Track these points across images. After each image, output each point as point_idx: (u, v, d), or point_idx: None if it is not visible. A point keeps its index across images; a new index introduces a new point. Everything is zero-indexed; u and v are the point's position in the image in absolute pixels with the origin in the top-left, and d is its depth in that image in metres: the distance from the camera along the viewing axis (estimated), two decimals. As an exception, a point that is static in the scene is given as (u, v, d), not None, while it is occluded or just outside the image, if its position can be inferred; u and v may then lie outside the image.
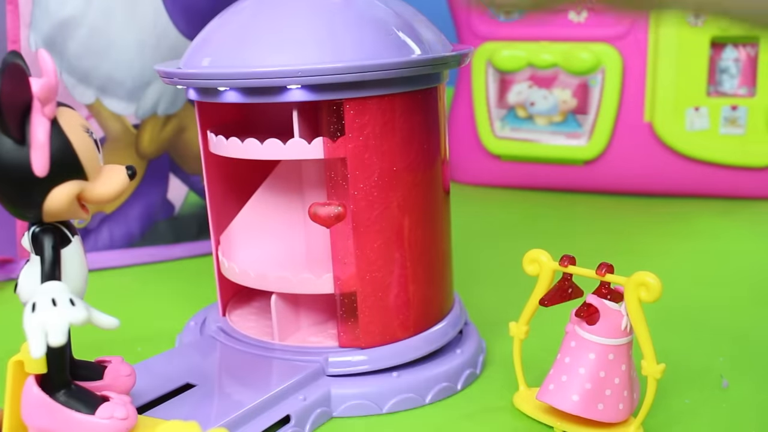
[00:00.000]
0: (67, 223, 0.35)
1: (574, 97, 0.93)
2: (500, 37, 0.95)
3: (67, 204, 0.34)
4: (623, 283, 0.43)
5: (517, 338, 0.49)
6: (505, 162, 0.98)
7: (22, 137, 0.32)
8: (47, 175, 0.33)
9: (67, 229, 0.35)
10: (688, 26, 0.87)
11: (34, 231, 0.35)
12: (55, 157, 0.33)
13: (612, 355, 0.44)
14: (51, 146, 0.33)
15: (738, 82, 0.89)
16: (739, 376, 0.52)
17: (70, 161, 0.33)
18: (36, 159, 0.32)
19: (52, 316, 0.31)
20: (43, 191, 0.33)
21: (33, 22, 0.68)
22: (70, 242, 0.35)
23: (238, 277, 0.51)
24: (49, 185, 0.33)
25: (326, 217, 0.46)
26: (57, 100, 0.34)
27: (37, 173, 0.32)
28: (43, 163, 0.32)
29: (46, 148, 0.32)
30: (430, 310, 0.51)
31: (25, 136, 0.32)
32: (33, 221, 0.35)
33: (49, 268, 0.34)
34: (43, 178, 0.33)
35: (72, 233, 0.35)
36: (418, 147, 0.47)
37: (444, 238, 0.51)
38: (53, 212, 0.34)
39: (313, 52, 0.43)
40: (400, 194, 0.47)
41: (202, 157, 0.52)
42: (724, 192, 0.92)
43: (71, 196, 0.34)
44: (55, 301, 0.31)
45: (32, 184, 0.33)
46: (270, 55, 0.44)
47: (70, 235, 0.35)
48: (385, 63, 0.43)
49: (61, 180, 0.33)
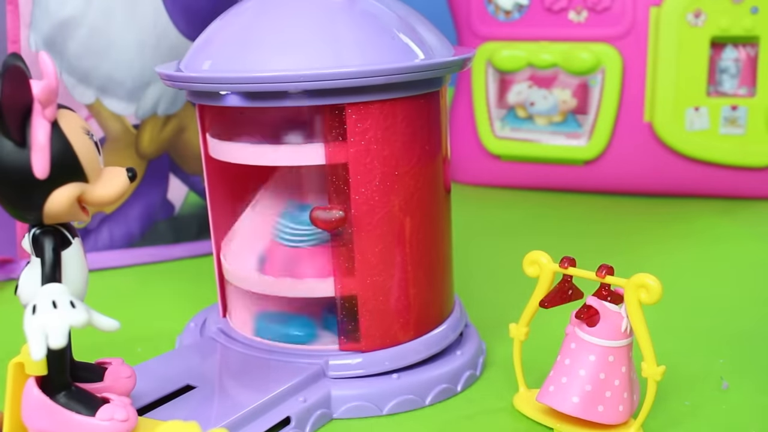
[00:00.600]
0: (67, 225, 0.35)
1: (574, 97, 0.93)
2: (500, 37, 0.95)
3: (67, 206, 0.34)
4: (623, 285, 0.43)
5: (517, 340, 0.49)
6: (505, 162, 0.98)
7: (23, 139, 0.32)
8: (48, 177, 0.33)
9: (67, 231, 0.35)
10: (688, 26, 0.87)
11: (34, 233, 0.35)
12: (56, 159, 0.33)
13: (612, 357, 0.44)
14: (51, 148, 0.33)
15: (738, 82, 0.89)
16: (739, 377, 0.52)
17: (71, 163, 0.33)
18: (36, 161, 0.32)
19: (53, 318, 0.31)
20: (44, 193, 0.33)
21: (33, 22, 0.68)
22: (71, 244, 0.35)
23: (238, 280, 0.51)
24: (50, 187, 0.33)
25: (328, 221, 0.46)
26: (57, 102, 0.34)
27: (37, 175, 0.32)
28: (44, 165, 0.32)
29: (46, 151, 0.32)
30: (431, 314, 0.51)
31: (25, 138, 0.32)
32: (33, 223, 0.35)
33: (50, 271, 0.34)
34: (44, 180, 0.33)
35: (72, 235, 0.35)
36: (419, 151, 0.47)
37: (445, 242, 0.51)
38: (53, 214, 0.34)
39: (315, 56, 0.43)
40: (402, 198, 0.47)
41: (203, 159, 0.52)
42: (724, 192, 0.92)
43: (72, 198, 0.34)
44: (55, 304, 0.31)
45: (33, 187, 0.33)
46: (272, 60, 0.43)
47: (70, 237, 0.35)
48: (387, 68, 0.43)
49: (62, 182, 0.33)
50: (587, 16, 0.91)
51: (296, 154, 0.45)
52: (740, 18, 0.86)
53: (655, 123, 0.90)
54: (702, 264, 0.73)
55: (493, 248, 0.78)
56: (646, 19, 0.88)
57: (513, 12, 0.94)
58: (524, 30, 0.93)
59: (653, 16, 0.88)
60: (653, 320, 0.44)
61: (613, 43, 0.90)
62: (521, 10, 0.93)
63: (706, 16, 0.86)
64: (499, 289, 0.66)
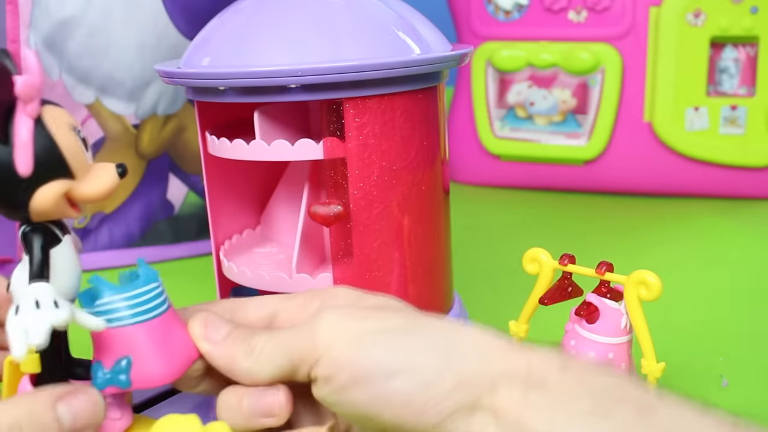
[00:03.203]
0: (58, 222, 0.35)
1: (574, 97, 0.93)
2: (500, 37, 0.95)
3: (52, 203, 0.33)
4: (623, 282, 0.43)
5: (517, 337, 0.49)
6: (504, 162, 0.98)
7: (6, 136, 0.32)
8: (32, 174, 0.32)
9: (58, 229, 0.35)
10: (688, 26, 0.87)
11: (23, 230, 0.34)
12: (39, 156, 0.32)
13: (612, 354, 0.44)
14: (35, 145, 0.32)
15: (738, 82, 0.89)
16: (738, 375, 0.52)
17: (55, 160, 0.33)
18: (19, 158, 0.32)
19: (34, 318, 0.31)
20: (28, 191, 0.33)
21: (33, 22, 0.68)
22: (60, 242, 0.35)
23: (236, 276, 0.51)
24: (34, 185, 0.33)
25: (326, 217, 0.46)
26: (45, 98, 0.34)
27: (20, 172, 0.32)
28: (27, 162, 0.32)
29: (28, 147, 0.32)
30: (430, 310, 0.51)
31: (8, 135, 0.32)
32: (21, 221, 0.35)
33: (37, 269, 0.33)
34: (28, 177, 0.32)
35: (63, 232, 0.35)
36: (417, 146, 0.47)
37: (443, 238, 0.51)
38: (40, 211, 0.33)
39: (312, 51, 0.43)
40: (400, 193, 0.47)
41: (202, 157, 0.52)
42: (724, 192, 0.92)
43: (57, 195, 0.33)
44: (38, 303, 0.31)
45: (16, 184, 0.32)
46: (270, 55, 0.44)
47: (60, 234, 0.35)
48: (385, 62, 0.43)
49: (46, 179, 0.33)
50: (587, 16, 0.91)
51: (294, 149, 0.45)
52: (740, 18, 0.86)
53: (654, 123, 0.90)
54: (702, 263, 0.73)
55: (492, 248, 0.78)
56: (646, 19, 0.88)
57: (513, 12, 0.94)
58: (524, 30, 0.94)
59: (653, 16, 0.88)
60: (653, 318, 0.44)
61: (613, 43, 0.90)
62: (521, 10, 0.93)
63: (705, 16, 0.86)
64: (498, 289, 0.66)
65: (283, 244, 0.55)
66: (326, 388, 0.32)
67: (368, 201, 0.46)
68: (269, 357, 0.34)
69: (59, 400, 0.32)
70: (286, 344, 0.34)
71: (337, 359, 0.32)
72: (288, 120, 0.48)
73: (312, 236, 0.50)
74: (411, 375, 0.31)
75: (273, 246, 0.56)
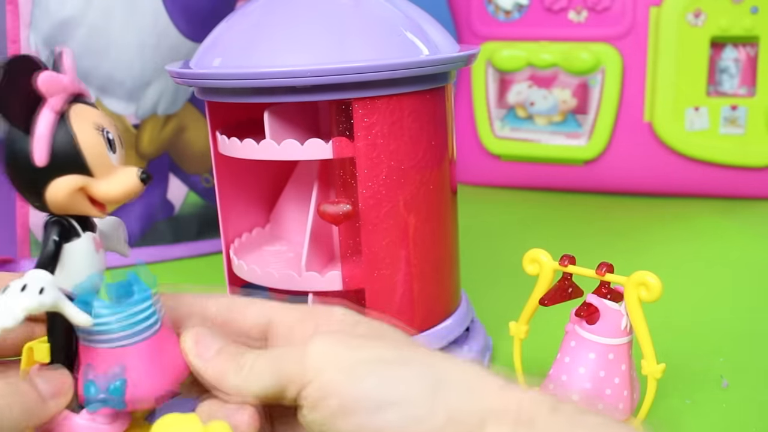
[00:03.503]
0: (82, 218, 0.36)
1: (574, 97, 0.93)
2: (500, 37, 0.95)
3: (65, 196, 0.34)
4: (623, 283, 0.43)
5: (517, 338, 0.49)
6: (504, 162, 0.98)
7: (27, 127, 0.33)
8: (47, 165, 0.33)
9: (80, 224, 0.35)
10: (688, 26, 0.87)
11: (45, 221, 0.35)
12: (57, 149, 0.33)
13: (612, 355, 0.44)
14: (54, 138, 0.33)
15: (738, 82, 0.89)
16: (739, 376, 0.52)
17: (72, 155, 0.34)
18: (36, 149, 0.33)
19: (10, 299, 0.31)
20: (44, 181, 0.34)
21: (33, 22, 0.68)
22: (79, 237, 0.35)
23: (246, 274, 0.51)
24: (49, 176, 0.33)
25: (335, 215, 0.47)
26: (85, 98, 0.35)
27: (36, 162, 0.33)
28: (42, 153, 0.33)
29: (45, 139, 0.33)
30: (437, 308, 0.51)
31: (30, 126, 0.33)
32: (41, 210, 0.35)
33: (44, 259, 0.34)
34: (43, 168, 0.33)
35: (85, 229, 0.36)
36: (425, 146, 0.47)
37: (451, 236, 0.52)
38: (54, 203, 0.34)
39: (322, 52, 0.44)
40: (408, 192, 0.47)
41: (213, 157, 0.52)
42: (724, 192, 0.92)
43: (70, 189, 0.34)
44: (25, 287, 0.32)
45: (33, 173, 0.33)
46: (281, 55, 0.44)
47: (80, 230, 0.35)
48: (393, 63, 0.43)
49: (61, 172, 0.34)
50: (587, 16, 0.91)
51: (304, 149, 0.46)
52: (740, 18, 0.86)
53: (655, 123, 0.90)
54: (702, 263, 0.73)
55: (492, 248, 0.78)
56: (646, 19, 0.88)
57: (513, 12, 0.94)
58: (524, 30, 0.94)
59: (653, 16, 0.88)
60: (653, 318, 0.44)
61: (613, 43, 0.90)
62: (521, 10, 0.93)
63: (705, 16, 0.86)
64: (498, 289, 0.66)
65: (293, 242, 0.56)
66: (313, 414, 0.32)
67: (377, 200, 0.46)
68: (258, 375, 0.33)
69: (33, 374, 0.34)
70: (276, 364, 0.33)
71: (327, 385, 0.31)
72: (298, 120, 0.49)
73: (321, 235, 0.50)
74: (402, 408, 0.30)
75: (282, 244, 0.56)
